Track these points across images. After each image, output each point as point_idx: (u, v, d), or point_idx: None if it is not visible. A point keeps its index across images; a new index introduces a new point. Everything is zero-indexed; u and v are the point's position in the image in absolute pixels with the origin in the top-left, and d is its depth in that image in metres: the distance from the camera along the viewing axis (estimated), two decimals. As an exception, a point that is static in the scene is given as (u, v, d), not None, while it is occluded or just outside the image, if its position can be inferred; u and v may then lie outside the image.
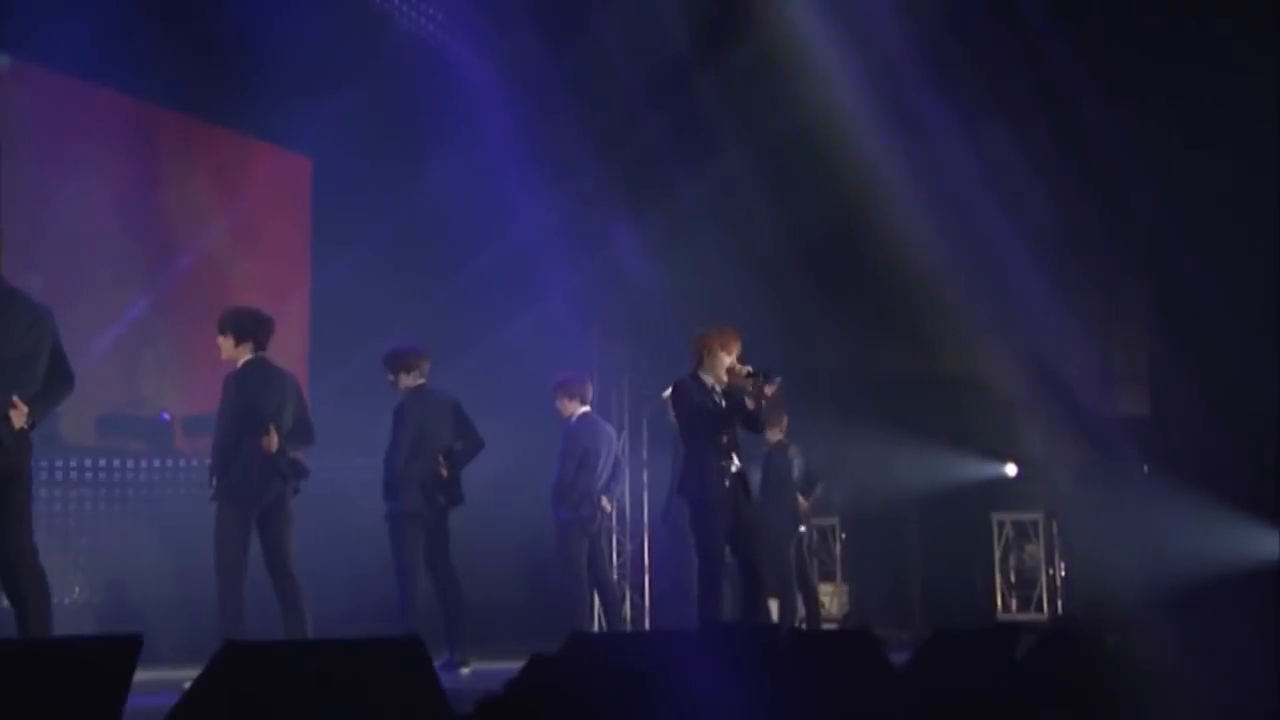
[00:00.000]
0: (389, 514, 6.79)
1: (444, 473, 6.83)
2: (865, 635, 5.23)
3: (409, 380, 6.90)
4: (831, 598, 11.46)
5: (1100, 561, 10.44)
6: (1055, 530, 11.36)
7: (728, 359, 6.10)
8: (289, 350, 9.16)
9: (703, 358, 6.16)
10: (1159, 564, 9.78)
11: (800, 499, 8.77)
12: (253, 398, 5.96)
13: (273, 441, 5.91)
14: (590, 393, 7.66)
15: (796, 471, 8.77)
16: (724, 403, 6.08)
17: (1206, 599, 9.18)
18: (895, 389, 11.72)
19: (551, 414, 7.75)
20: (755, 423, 6.15)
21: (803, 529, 8.88)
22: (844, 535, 11.47)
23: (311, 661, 3.22)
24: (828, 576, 11.50)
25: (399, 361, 6.88)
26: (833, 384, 12.07)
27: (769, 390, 5.94)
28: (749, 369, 6.07)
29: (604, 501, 7.54)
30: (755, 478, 8.33)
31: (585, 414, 7.61)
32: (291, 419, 6.07)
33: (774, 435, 8.76)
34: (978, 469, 11.45)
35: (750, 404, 5.99)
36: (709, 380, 6.16)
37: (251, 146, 9.68)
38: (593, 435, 7.54)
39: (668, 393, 6.29)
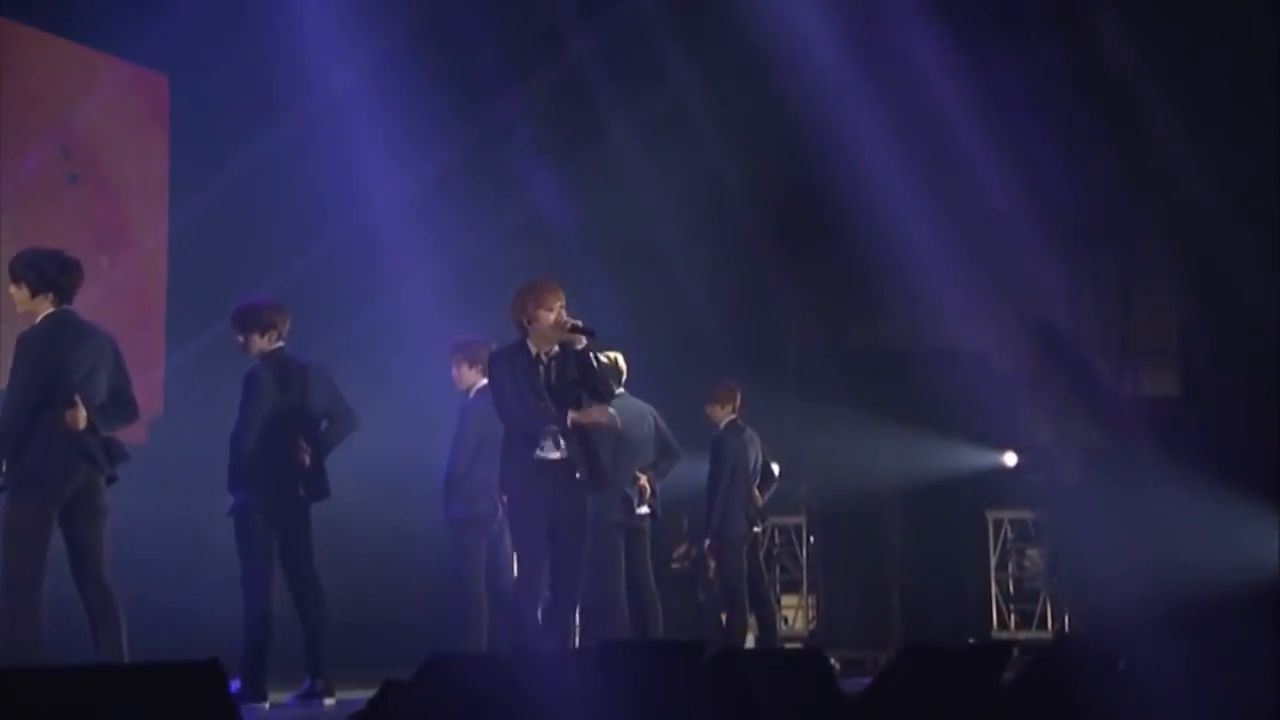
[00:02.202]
0: (234, 508, 6.49)
1: (306, 457, 6.52)
2: (812, 655, 5.04)
3: (264, 343, 6.60)
4: (796, 612, 11.31)
5: (1114, 568, 10.32)
6: (1061, 531, 11.23)
7: (551, 315, 6.19)
8: (143, 299, 9.09)
9: (525, 325, 6.24)
10: (1184, 569, 9.72)
11: (756, 493, 8.53)
12: (55, 363, 5.59)
13: (80, 417, 5.56)
14: None
15: (753, 460, 8.53)
16: (556, 377, 6.17)
17: (1240, 611, 9.00)
18: (873, 364, 11.59)
19: (449, 391, 7.44)
20: (601, 389, 6.30)
21: (757, 529, 8.64)
22: (811, 537, 11.30)
23: (77, 691, 3.09)
24: (792, 587, 11.38)
25: (251, 319, 6.59)
26: (799, 357, 11.91)
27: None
28: (575, 322, 6.19)
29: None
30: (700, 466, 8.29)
31: (486, 387, 7.29)
32: (106, 389, 5.73)
33: (723, 414, 8.52)
34: (970, 458, 11.27)
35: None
36: (537, 349, 6.22)
37: (94, 58, 9.36)
38: (494, 414, 7.21)
39: (582, 344, 6.15)
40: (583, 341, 6.14)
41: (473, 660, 4.14)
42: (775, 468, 10.78)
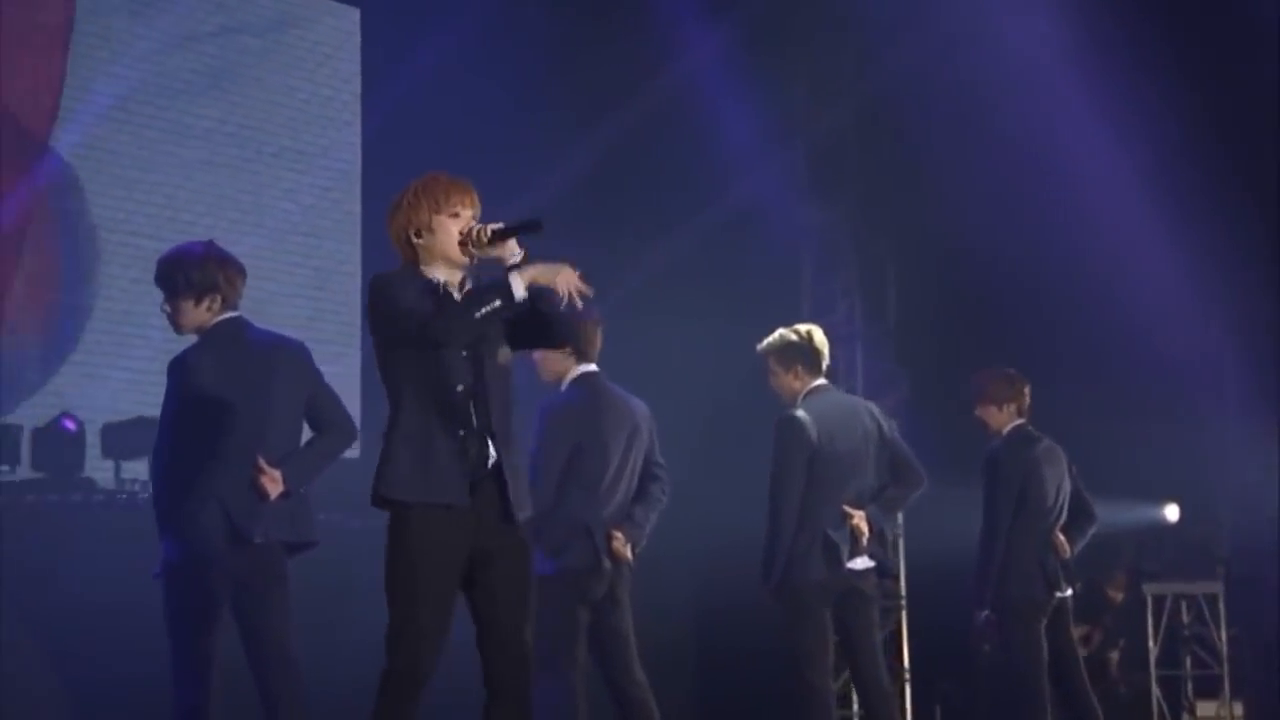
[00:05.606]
0: (161, 567, 5.30)
1: (269, 484, 5.23)
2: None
3: (200, 313, 5.34)
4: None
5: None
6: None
7: (456, 225, 4.49)
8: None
9: (410, 239, 4.53)
10: None
11: (1061, 539, 6.97)
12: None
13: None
14: None
15: (1053, 488, 7.03)
16: (476, 309, 4.36)
17: None
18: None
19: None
20: (552, 330, 4.54)
21: (1064, 593, 6.96)
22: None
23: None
24: (1208, 687, 10.06)
25: (178, 277, 5.33)
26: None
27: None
28: (499, 226, 4.44)
29: None
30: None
31: None
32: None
33: (1002, 419, 7.10)
34: (1118, 512, 9.20)
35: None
36: (436, 276, 4.51)
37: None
38: None
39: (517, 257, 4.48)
40: (516, 254, 4.40)
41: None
42: (1172, 510, 9.79)
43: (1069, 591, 6.96)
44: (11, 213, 8.58)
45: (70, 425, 8.21)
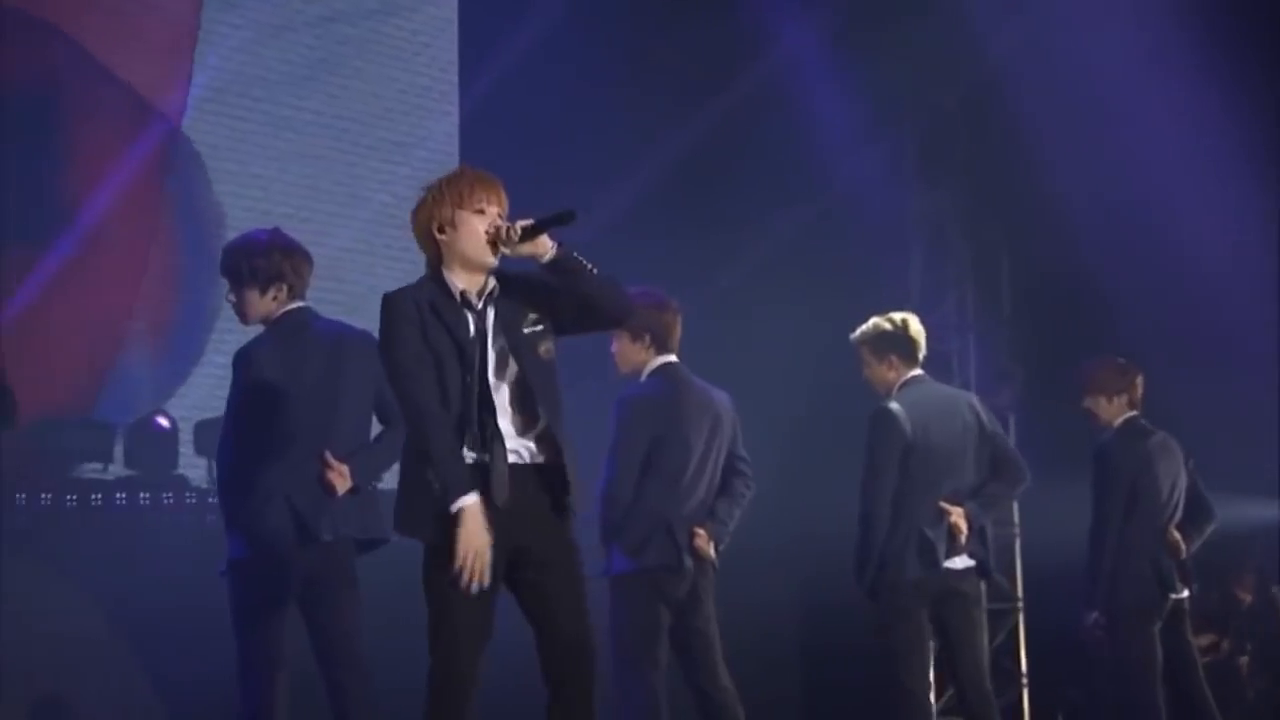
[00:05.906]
0: (227, 566, 5.21)
1: (336, 480, 5.11)
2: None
3: (266, 303, 5.26)
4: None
5: None
6: None
7: (480, 221, 4.30)
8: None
9: (434, 234, 4.35)
10: None
11: (1175, 535, 6.64)
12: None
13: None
14: None
15: (1168, 483, 6.71)
16: (500, 327, 4.29)
17: None
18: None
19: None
20: (596, 308, 4.34)
21: (1178, 594, 6.61)
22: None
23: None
24: None
25: (243, 266, 5.26)
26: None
27: None
28: (529, 222, 4.26)
29: None
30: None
31: None
32: None
33: (1113, 410, 6.76)
34: (1248, 509, 8.75)
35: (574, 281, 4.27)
36: (455, 282, 4.33)
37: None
38: None
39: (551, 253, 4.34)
40: (549, 249, 4.22)
41: None
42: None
43: (1185, 593, 6.62)
44: (140, 206, 8.64)
45: (164, 423, 8.21)
